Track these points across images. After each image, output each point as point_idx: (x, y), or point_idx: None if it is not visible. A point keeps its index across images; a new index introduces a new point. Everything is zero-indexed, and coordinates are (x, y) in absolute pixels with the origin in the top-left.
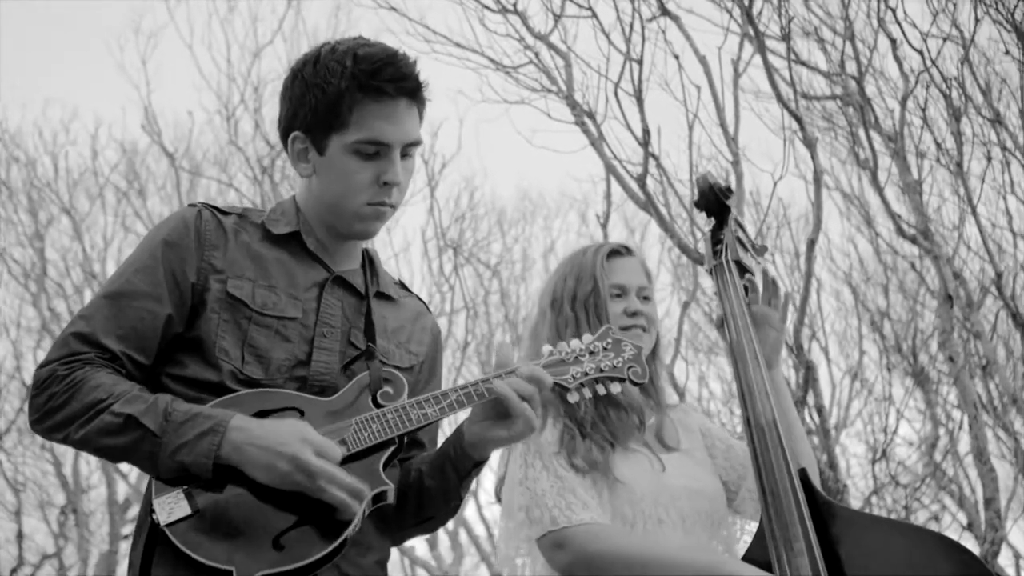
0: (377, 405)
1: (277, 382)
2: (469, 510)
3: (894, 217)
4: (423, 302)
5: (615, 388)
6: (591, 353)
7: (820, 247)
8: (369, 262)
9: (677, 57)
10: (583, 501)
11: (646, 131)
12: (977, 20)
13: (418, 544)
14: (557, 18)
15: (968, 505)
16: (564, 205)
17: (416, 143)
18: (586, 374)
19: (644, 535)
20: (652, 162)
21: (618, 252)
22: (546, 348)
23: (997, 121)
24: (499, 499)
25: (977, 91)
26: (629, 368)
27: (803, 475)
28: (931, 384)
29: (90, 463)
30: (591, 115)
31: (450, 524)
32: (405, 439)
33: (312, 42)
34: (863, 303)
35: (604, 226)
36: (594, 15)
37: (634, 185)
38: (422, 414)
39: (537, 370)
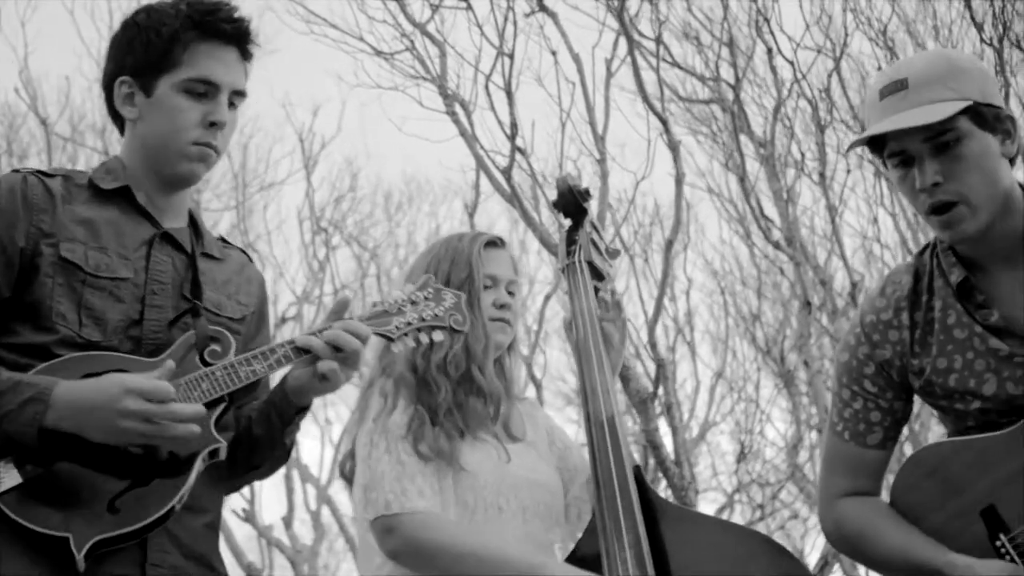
0: (205, 363)
1: (114, 343)
2: (334, 487)
3: (758, 222)
4: (246, 254)
5: (437, 336)
6: (413, 303)
7: (697, 248)
8: (193, 222)
9: (554, 53)
10: (419, 489)
11: (514, 125)
12: (847, 34)
13: (276, 523)
14: (435, 8)
15: None
16: (450, 192)
17: (242, 93)
18: (409, 323)
19: (477, 526)
20: (520, 156)
21: (493, 243)
22: (371, 300)
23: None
24: (343, 476)
25: (846, 103)
26: (451, 316)
27: (637, 472)
28: (797, 387)
29: None
30: (464, 105)
31: (312, 503)
32: (234, 396)
33: None
34: (736, 305)
35: (472, 216)
36: (469, 7)
37: (500, 177)
38: (251, 370)
39: (353, 324)
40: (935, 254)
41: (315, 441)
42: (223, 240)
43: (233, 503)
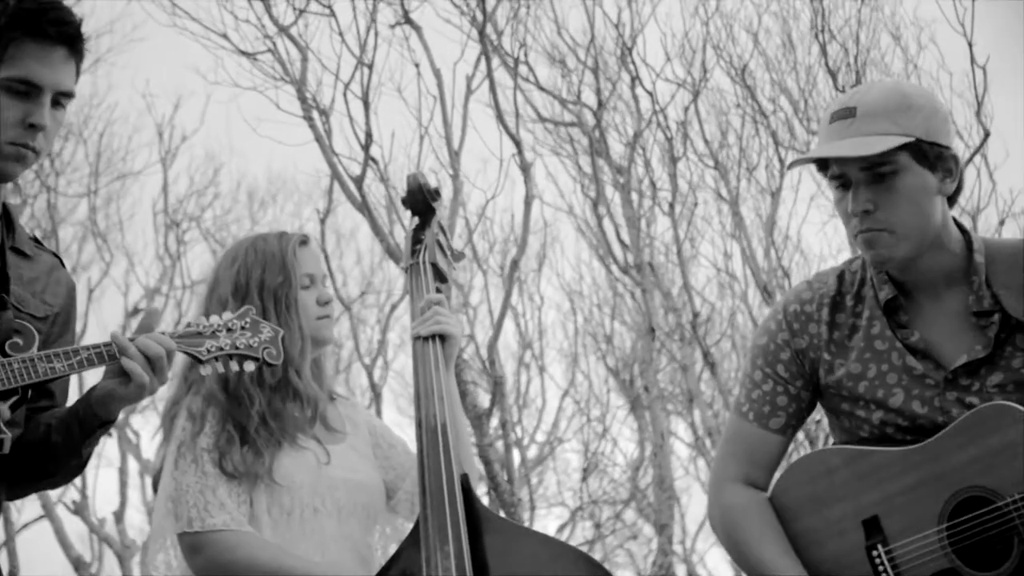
0: (4, 355)
1: None
2: None
3: (610, 246)
4: (58, 257)
5: (249, 366)
6: (229, 330)
7: (554, 267)
8: (7, 216)
9: (417, 66)
10: (221, 502)
11: (368, 135)
12: (706, 69)
13: (108, 517)
14: (299, 12)
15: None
16: (316, 193)
17: (69, 94)
18: (221, 349)
19: (294, 529)
20: (374, 166)
21: (304, 241)
22: (185, 320)
23: (716, 168)
24: (155, 491)
25: (701, 138)
26: (264, 349)
27: (464, 481)
28: (643, 410)
29: None
30: (321, 111)
31: (150, 495)
32: (30, 391)
33: None
34: (591, 325)
35: (323, 221)
36: (332, 14)
37: (352, 186)
38: (50, 368)
39: (158, 336)
40: (865, 266)
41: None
42: (36, 240)
43: (65, 495)
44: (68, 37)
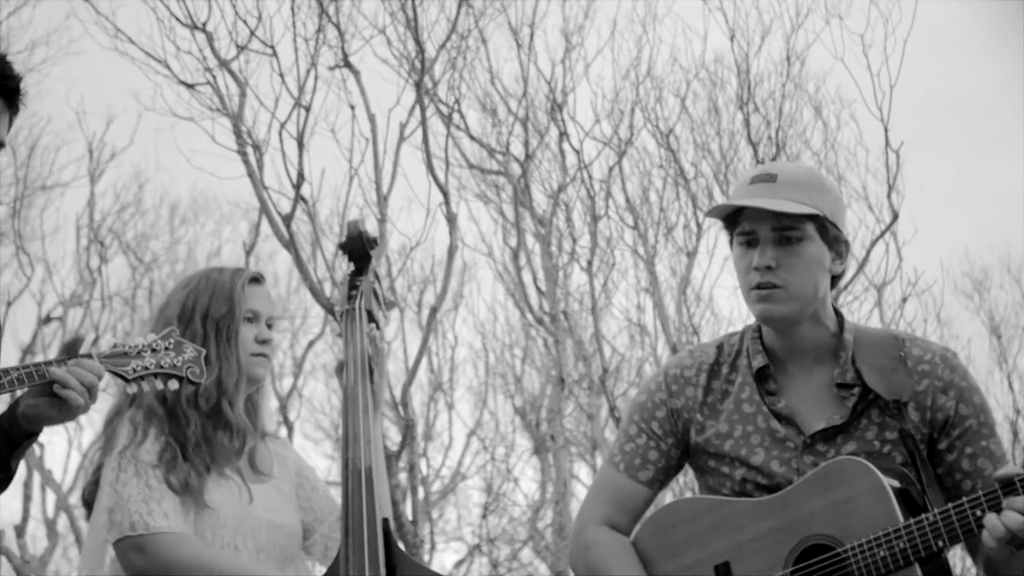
0: None
1: None
2: (76, 495)
3: (526, 297)
4: None
5: (173, 384)
6: (153, 350)
7: (469, 306)
8: None
9: (352, 108)
10: (165, 512)
11: (300, 175)
12: (633, 133)
13: (8, 531)
14: (241, 48)
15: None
16: (238, 214)
17: (0, 143)
18: (146, 368)
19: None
20: (303, 205)
21: (256, 279)
22: (111, 341)
23: (635, 228)
24: (85, 504)
25: (623, 196)
26: (188, 368)
27: (385, 525)
28: (546, 453)
29: None
30: (255, 146)
31: (50, 511)
32: None
33: None
34: (499, 366)
35: (248, 254)
36: (275, 54)
37: (281, 223)
38: None
39: (92, 365)
40: (743, 339)
41: (60, 445)
42: None
43: None
44: (8, 90)
